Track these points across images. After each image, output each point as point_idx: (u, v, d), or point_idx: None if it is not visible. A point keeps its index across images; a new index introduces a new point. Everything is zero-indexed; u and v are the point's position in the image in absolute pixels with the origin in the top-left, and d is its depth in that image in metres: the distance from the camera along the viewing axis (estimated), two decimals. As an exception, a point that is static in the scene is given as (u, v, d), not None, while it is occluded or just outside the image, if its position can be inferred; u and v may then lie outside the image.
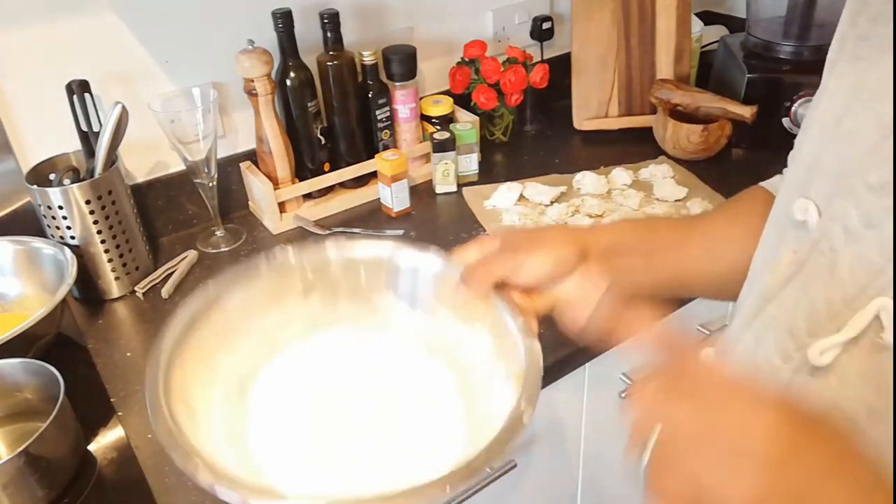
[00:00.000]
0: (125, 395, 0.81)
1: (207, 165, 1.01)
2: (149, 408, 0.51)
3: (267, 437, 0.57)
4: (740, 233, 0.62)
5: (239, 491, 0.45)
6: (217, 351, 0.59)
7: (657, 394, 0.39)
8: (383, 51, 1.14)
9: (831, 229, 0.45)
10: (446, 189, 1.18)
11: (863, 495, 0.35)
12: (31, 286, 0.92)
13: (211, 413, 0.56)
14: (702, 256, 0.64)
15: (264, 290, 0.62)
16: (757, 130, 1.20)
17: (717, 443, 0.36)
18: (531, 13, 1.36)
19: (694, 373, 0.40)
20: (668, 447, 0.38)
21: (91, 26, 0.96)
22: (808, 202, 0.47)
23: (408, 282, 0.64)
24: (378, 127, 1.16)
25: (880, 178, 0.42)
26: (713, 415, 0.37)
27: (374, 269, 0.64)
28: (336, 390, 0.61)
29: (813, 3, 1.22)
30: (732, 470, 0.35)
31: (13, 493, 0.63)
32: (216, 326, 0.59)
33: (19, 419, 0.76)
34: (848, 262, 0.43)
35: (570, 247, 0.60)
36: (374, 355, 0.64)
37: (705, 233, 0.65)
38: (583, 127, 1.33)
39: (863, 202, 0.43)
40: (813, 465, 0.36)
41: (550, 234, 0.62)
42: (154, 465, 0.72)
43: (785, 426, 0.36)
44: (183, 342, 0.56)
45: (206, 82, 1.06)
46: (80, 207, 0.90)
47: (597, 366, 0.92)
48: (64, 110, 0.93)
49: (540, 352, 0.54)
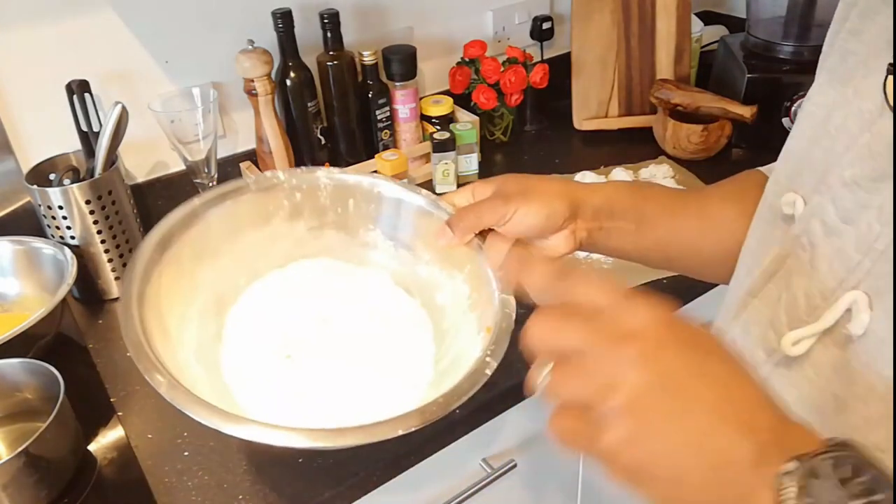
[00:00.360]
0: (125, 395, 0.81)
1: (207, 165, 1.01)
2: (120, 316, 0.50)
3: (238, 360, 0.57)
4: (733, 213, 0.61)
5: (194, 409, 0.46)
6: (197, 267, 0.58)
7: (550, 319, 0.37)
8: (383, 51, 1.14)
9: (811, 224, 0.45)
10: (446, 189, 1.18)
11: (738, 393, 0.35)
12: (31, 286, 0.92)
13: (184, 329, 0.55)
14: (693, 231, 0.63)
15: (250, 209, 0.61)
16: (757, 130, 1.20)
17: (603, 336, 0.35)
18: (531, 13, 1.36)
19: (584, 295, 0.38)
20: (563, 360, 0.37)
21: (91, 26, 0.96)
22: (795, 196, 0.47)
23: (394, 218, 0.64)
24: (378, 127, 1.16)
25: (853, 174, 0.42)
26: (602, 324, 0.36)
27: (363, 201, 0.64)
28: (311, 320, 0.61)
29: (813, 3, 1.22)
30: (617, 360, 0.34)
31: (13, 493, 0.63)
32: (197, 241, 0.58)
33: (19, 419, 0.76)
34: (826, 256, 0.44)
35: (561, 202, 0.59)
36: (354, 290, 0.64)
37: (700, 207, 0.63)
38: (583, 127, 1.33)
39: (839, 197, 0.43)
40: (691, 360, 0.35)
41: (544, 186, 0.60)
42: (154, 465, 0.72)
43: (663, 325, 0.35)
44: (161, 254, 0.55)
45: (206, 82, 1.06)
46: (80, 207, 0.90)
47: (597, 366, 0.92)
48: (64, 110, 0.93)
49: (514, 307, 0.54)
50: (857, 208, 0.42)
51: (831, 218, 0.44)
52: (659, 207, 0.63)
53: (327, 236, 0.64)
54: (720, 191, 0.64)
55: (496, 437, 0.86)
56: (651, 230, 0.62)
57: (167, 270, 0.55)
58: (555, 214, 0.58)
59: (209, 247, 0.59)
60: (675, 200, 0.64)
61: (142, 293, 0.52)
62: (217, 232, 0.59)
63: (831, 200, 0.44)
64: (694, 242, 0.63)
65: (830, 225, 0.44)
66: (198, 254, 0.58)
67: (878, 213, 0.41)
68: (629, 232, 0.62)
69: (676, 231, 0.63)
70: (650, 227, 0.62)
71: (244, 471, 0.71)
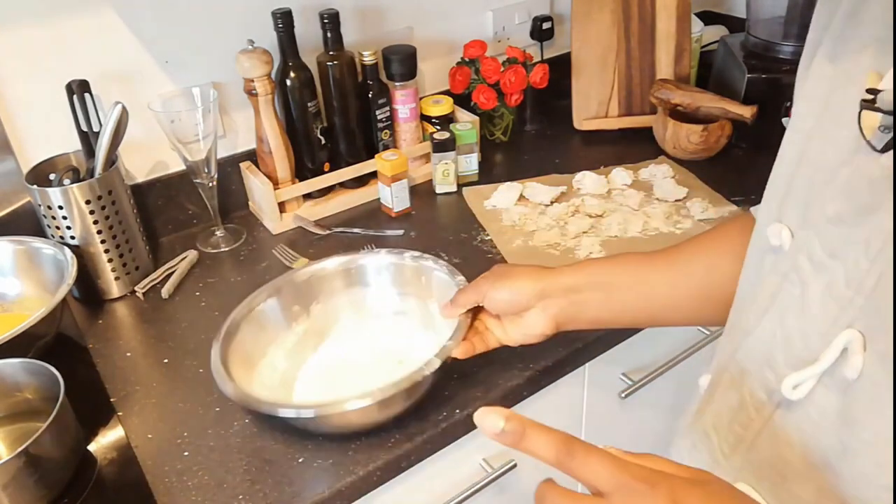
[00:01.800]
0: (125, 395, 0.81)
1: (207, 165, 1.01)
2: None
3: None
4: (706, 262, 0.64)
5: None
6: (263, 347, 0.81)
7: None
8: (383, 51, 1.14)
9: (799, 259, 0.44)
10: (446, 189, 1.18)
11: None
12: (31, 286, 0.92)
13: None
14: (664, 288, 0.66)
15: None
16: (757, 130, 1.20)
17: None
18: (531, 13, 1.36)
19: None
20: None
21: (91, 26, 0.96)
22: (782, 226, 0.46)
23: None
24: (378, 127, 1.16)
25: (836, 210, 0.41)
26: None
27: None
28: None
29: (813, 3, 1.21)
30: None
31: (13, 493, 0.63)
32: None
33: (19, 419, 0.76)
34: (818, 293, 0.43)
35: (529, 281, 0.68)
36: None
37: (669, 264, 0.67)
38: (583, 127, 1.33)
39: (823, 232, 0.42)
40: None
41: (518, 271, 0.70)
42: (154, 465, 0.72)
43: None
44: (231, 339, 0.76)
45: (206, 82, 1.06)
46: (80, 207, 0.90)
47: (597, 366, 0.92)
48: (64, 110, 0.93)
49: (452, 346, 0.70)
50: (842, 244, 0.41)
51: (818, 254, 0.43)
52: (628, 273, 0.68)
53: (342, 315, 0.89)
54: (696, 242, 0.67)
55: (496, 437, 0.86)
56: (622, 296, 0.67)
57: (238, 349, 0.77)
58: (521, 292, 0.68)
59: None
60: (643, 263, 0.68)
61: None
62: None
63: (816, 235, 0.43)
64: (669, 298, 0.66)
65: (818, 261, 0.43)
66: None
67: (865, 248, 0.39)
68: (601, 301, 0.68)
69: (649, 293, 0.67)
70: (621, 293, 0.67)
71: (244, 471, 0.71)
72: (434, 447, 0.75)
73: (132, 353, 0.88)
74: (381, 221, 1.12)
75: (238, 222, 1.13)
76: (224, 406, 0.78)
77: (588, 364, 0.90)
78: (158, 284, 0.99)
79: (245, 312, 0.79)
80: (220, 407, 0.78)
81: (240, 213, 1.16)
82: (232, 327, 0.77)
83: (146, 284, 0.99)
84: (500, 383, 0.79)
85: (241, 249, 1.07)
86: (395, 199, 1.11)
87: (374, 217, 1.13)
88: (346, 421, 0.70)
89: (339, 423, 0.71)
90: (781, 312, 0.46)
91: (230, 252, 1.06)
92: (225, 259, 1.05)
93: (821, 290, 0.43)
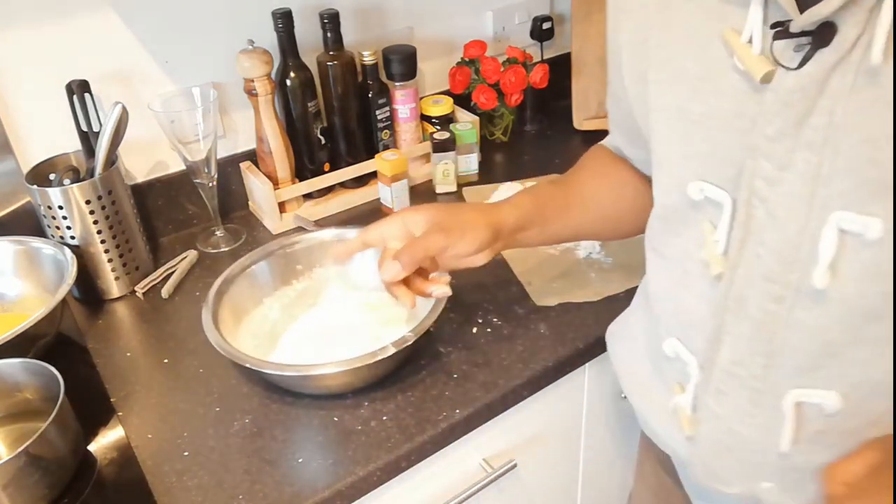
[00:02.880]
0: (125, 395, 0.81)
1: (207, 165, 1.01)
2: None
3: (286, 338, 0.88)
4: (604, 185, 0.78)
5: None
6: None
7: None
8: (383, 51, 1.14)
9: (755, 183, 0.49)
10: (446, 189, 1.18)
11: None
12: (31, 286, 0.92)
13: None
14: (580, 213, 0.77)
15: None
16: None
17: None
18: (531, 13, 1.36)
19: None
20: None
21: (91, 26, 0.96)
22: (702, 183, 0.53)
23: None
24: (378, 127, 1.16)
25: (776, 128, 0.46)
26: None
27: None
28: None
29: (813, 3, 1.21)
30: None
31: (13, 493, 0.63)
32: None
33: (19, 419, 0.76)
34: (781, 204, 0.48)
35: (487, 231, 0.72)
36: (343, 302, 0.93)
37: (578, 192, 0.78)
38: (583, 127, 1.33)
39: (770, 153, 0.47)
40: None
41: (470, 217, 0.72)
42: (154, 465, 0.72)
43: None
44: (220, 298, 0.85)
45: (206, 82, 1.06)
46: (80, 207, 0.90)
47: (597, 366, 0.92)
48: (64, 110, 0.93)
49: (424, 326, 0.76)
50: (787, 154, 0.46)
51: (769, 171, 0.48)
52: (554, 207, 0.77)
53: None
54: (586, 172, 0.79)
55: (496, 437, 0.86)
56: (552, 227, 0.77)
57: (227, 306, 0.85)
58: (483, 243, 0.72)
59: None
60: (560, 195, 0.78)
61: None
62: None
63: (765, 157, 0.48)
64: (585, 219, 0.78)
65: (771, 176, 0.48)
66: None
67: (809, 146, 0.45)
68: (537, 234, 0.76)
69: (570, 219, 0.77)
70: (551, 225, 0.76)
71: (244, 471, 0.71)
72: (434, 447, 0.75)
73: (132, 352, 0.88)
74: (381, 221, 1.12)
75: (238, 222, 1.13)
76: (224, 406, 0.79)
77: (588, 364, 0.90)
78: (158, 284, 0.99)
79: (237, 271, 0.88)
80: (220, 407, 0.79)
81: (240, 213, 1.16)
82: (223, 286, 0.86)
83: (146, 284, 0.99)
84: (500, 383, 0.79)
85: (241, 250, 1.07)
86: (395, 200, 1.11)
87: (374, 217, 1.12)
88: (322, 381, 0.76)
89: (316, 384, 0.77)
90: (759, 233, 0.50)
91: (230, 252, 1.06)
92: (225, 259, 1.05)
93: (781, 199, 0.48)
